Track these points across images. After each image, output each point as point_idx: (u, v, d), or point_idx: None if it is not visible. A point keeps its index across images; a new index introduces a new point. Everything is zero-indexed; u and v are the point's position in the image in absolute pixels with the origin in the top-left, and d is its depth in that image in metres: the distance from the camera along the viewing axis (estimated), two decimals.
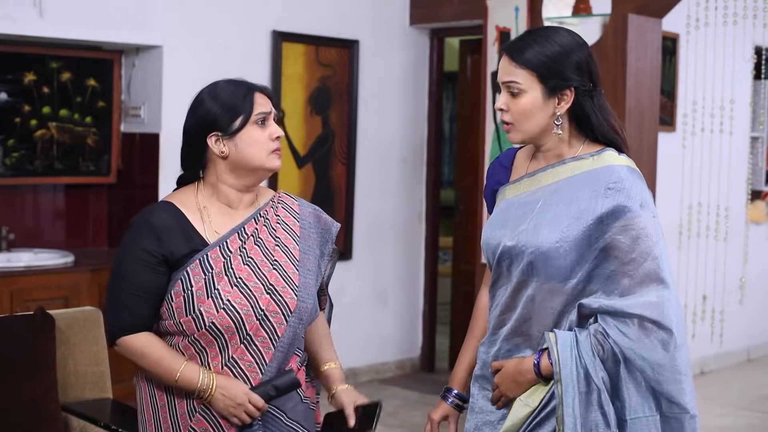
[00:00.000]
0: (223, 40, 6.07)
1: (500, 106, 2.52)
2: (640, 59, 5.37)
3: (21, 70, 5.57)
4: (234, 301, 2.60)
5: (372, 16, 6.83)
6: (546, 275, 2.47)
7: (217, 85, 2.73)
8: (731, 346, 7.73)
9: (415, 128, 7.15)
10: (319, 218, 2.85)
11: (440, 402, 2.77)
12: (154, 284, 2.63)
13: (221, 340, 2.62)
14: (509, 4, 5.73)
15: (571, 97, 2.50)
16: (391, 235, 7.05)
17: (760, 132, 7.91)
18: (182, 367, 2.61)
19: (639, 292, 2.41)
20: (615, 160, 2.52)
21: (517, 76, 2.49)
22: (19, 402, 3.30)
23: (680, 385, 2.44)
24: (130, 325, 2.64)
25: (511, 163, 2.71)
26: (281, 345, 2.66)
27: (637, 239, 2.42)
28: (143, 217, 2.68)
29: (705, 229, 7.03)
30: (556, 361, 2.43)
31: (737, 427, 6.29)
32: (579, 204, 2.47)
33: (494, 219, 2.63)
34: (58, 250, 5.64)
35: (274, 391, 2.63)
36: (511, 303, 2.55)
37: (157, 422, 2.70)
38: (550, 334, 2.46)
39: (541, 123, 2.51)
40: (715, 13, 6.22)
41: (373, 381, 6.85)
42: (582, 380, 2.42)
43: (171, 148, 5.82)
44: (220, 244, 2.65)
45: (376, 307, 6.94)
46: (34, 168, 5.68)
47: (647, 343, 2.40)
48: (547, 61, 2.47)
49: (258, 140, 2.67)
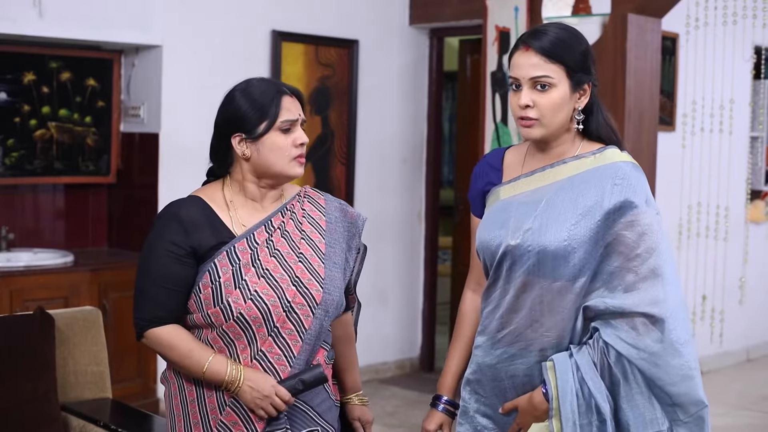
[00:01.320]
0: (223, 40, 6.07)
1: (526, 102, 2.47)
2: (640, 59, 5.38)
3: (20, 70, 5.57)
4: (261, 291, 2.62)
5: (372, 16, 6.83)
6: (554, 274, 2.45)
7: (249, 84, 2.70)
8: (731, 346, 7.73)
9: (415, 128, 7.15)
10: (346, 212, 2.85)
11: (432, 411, 2.76)
12: (182, 276, 2.63)
13: (249, 332, 2.63)
14: (509, 4, 5.73)
15: (588, 92, 2.51)
16: (390, 234, 7.05)
17: (759, 132, 7.91)
18: (210, 359, 2.62)
19: (643, 288, 2.40)
20: (618, 158, 2.52)
21: (548, 70, 2.46)
22: (18, 402, 3.30)
23: (694, 380, 2.44)
24: (158, 318, 2.65)
25: (501, 163, 2.68)
26: (308, 337, 2.67)
27: (643, 235, 2.42)
28: (171, 210, 2.69)
29: (705, 229, 7.03)
30: (554, 396, 2.43)
31: (737, 427, 6.30)
32: (586, 201, 2.46)
33: (491, 220, 2.59)
34: (58, 250, 5.65)
35: (301, 385, 2.64)
36: (514, 305, 2.52)
37: (186, 417, 2.70)
38: (547, 363, 2.45)
39: (564, 118, 2.51)
40: (714, 12, 6.23)
41: (373, 381, 6.85)
42: (584, 412, 2.42)
43: (170, 148, 5.82)
44: (247, 236, 2.66)
45: (375, 306, 6.94)
46: (34, 168, 5.68)
47: (652, 345, 2.39)
48: (577, 55, 2.48)
49: (281, 146, 2.66)
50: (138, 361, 5.45)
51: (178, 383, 2.72)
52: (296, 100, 2.71)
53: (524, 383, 2.53)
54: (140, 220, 5.84)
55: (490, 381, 2.59)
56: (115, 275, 5.47)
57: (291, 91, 2.71)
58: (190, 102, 5.85)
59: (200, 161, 3.03)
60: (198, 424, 2.67)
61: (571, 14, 5.66)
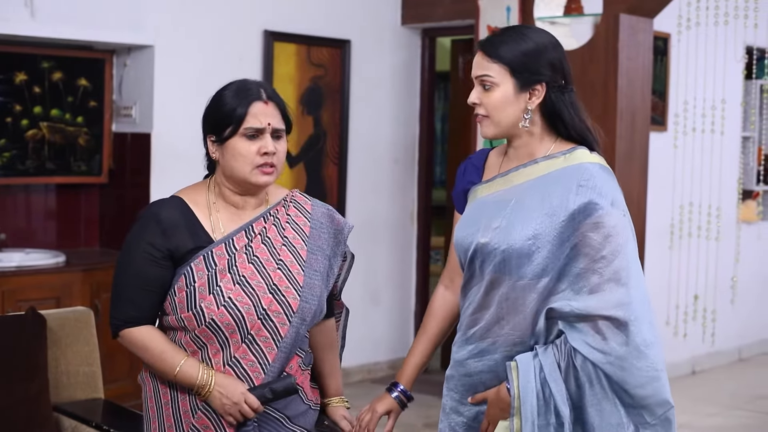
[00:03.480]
0: (215, 40, 6.06)
1: (473, 101, 2.56)
2: (632, 59, 5.38)
3: (12, 70, 5.56)
4: (235, 298, 2.61)
5: (364, 16, 6.83)
6: (518, 273, 2.48)
7: (231, 85, 2.70)
8: (723, 346, 7.75)
9: (407, 128, 7.16)
10: (333, 218, 2.84)
11: (385, 395, 2.81)
12: (158, 278, 2.64)
13: (221, 337, 2.62)
14: (501, 4, 5.74)
15: (542, 93, 2.52)
16: (382, 235, 7.05)
17: (751, 132, 7.94)
18: (182, 362, 2.62)
19: (608, 290, 2.41)
20: (586, 158, 2.53)
21: (490, 70, 2.52)
22: (10, 402, 3.30)
23: (660, 381, 2.45)
24: (133, 318, 2.66)
25: (484, 163, 2.72)
26: (284, 345, 2.67)
27: (608, 237, 2.43)
28: (151, 211, 2.70)
29: (696, 229, 7.04)
30: (515, 395, 2.46)
31: (729, 427, 6.30)
32: (551, 201, 2.48)
33: (466, 218, 2.64)
34: (50, 250, 5.63)
35: (270, 394, 2.65)
36: (483, 302, 2.56)
37: (161, 419, 2.71)
38: (512, 363, 2.48)
39: (513, 117, 2.53)
40: (706, 13, 6.23)
41: (365, 381, 6.86)
42: (543, 413, 2.44)
43: (162, 148, 5.81)
44: (225, 242, 2.66)
45: (367, 306, 6.94)
46: (26, 168, 5.66)
47: (617, 348, 2.40)
48: (520, 55, 2.50)
49: (242, 153, 2.63)
50: (130, 362, 5.44)
51: (153, 385, 2.73)
52: (274, 109, 2.66)
53: (491, 379, 2.56)
54: (132, 220, 5.76)
55: (462, 377, 2.62)
56: (107, 275, 5.44)
57: (271, 99, 2.67)
58: (182, 102, 5.84)
59: (192, 161, 3.03)
60: (172, 426, 2.68)
61: (563, 14, 5.67)
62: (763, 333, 8.39)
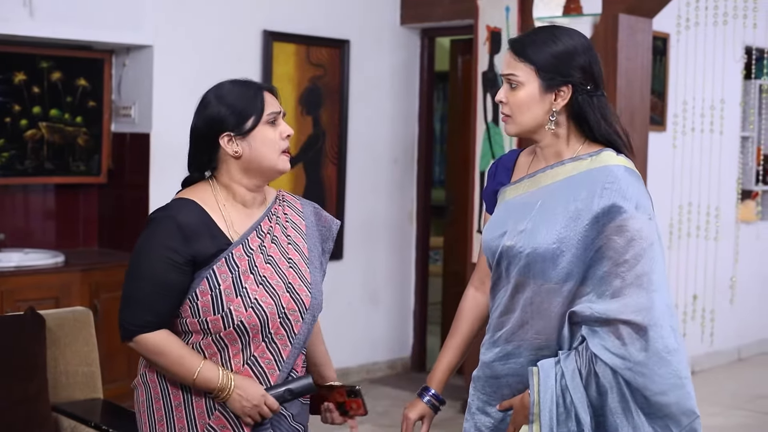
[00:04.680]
0: (214, 40, 6.06)
1: (499, 98, 2.55)
2: (631, 59, 5.39)
3: (11, 70, 5.56)
4: (261, 299, 2.64)
5: (363, 16, 6.83)
6: (543, 277, 2.46)
7: (223, 86, 2.72)
8: (722, 346, 7.75)
9: (406, 128, 7.15)
10: (320, 216, 2.89)
11: (417, 400, 2.78)
12: (178, 283, 2.62)
13: (245, 338, 2.64)
14: (500, 4, 5.74)
15: (568, 94, 2.50)
16: (382, 235, 7.05)
17: (750, 132, 7.93)
18: (201, 366, 2.62)
19: (629, 294, 2.39)
20: (612, 161, 2.51)
21: (517, 69, 2.51)
22: (9, 403, 3.30)
23: (684, 389, 2.41)
24: (150, 323, 2.63)
25: (514, 164, 2.71)
26: (297, 342, 2.71)
27: (632, 241, 2.41)
28: (168, 214, 2.66)
29: (695, 229, 7.04)
30: (535, 401, 2.44)
31: (728, 427, 6.30)
32: (576, 204, 2.46)
33: (494, 220, 2.63)
34: (49, 250, 5.63)
35: (289, 395, 2.68)
36: (510, 305, 2.55)
37: (170, 422, 2.69)
38: (533, 369, 2.47)
39: (537, 117, 2.52)
40: (705, 12, 6.24)
41: (364, 381, 6.85)
42: (563, 420, 2.42)
43: (161, 148, 5.81)
44: (242, 242, 2.67)
45: (367, 306, 6.94)
46: (25, 168, 5.66)
47: (637, 354, 2.38)
48: (548, 57, 2.49)
49: (271, 138, 2.68)
50: (129, 362, 5.43)
51: (161, 387, 2.71)
52: (273, 96, 2.74)
53: (517, 382, 2.55)
54: (131, 220, 5.84)
55: (489, 378, 2.61)
56: (106, 275, 5.46)
57: (268, 89, 2.75)
58: (181, 102, 5.81)
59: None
60: (184, 428, 2.67)
61: (562, 14, 5.67)
62: (762, 333, 8.39)
